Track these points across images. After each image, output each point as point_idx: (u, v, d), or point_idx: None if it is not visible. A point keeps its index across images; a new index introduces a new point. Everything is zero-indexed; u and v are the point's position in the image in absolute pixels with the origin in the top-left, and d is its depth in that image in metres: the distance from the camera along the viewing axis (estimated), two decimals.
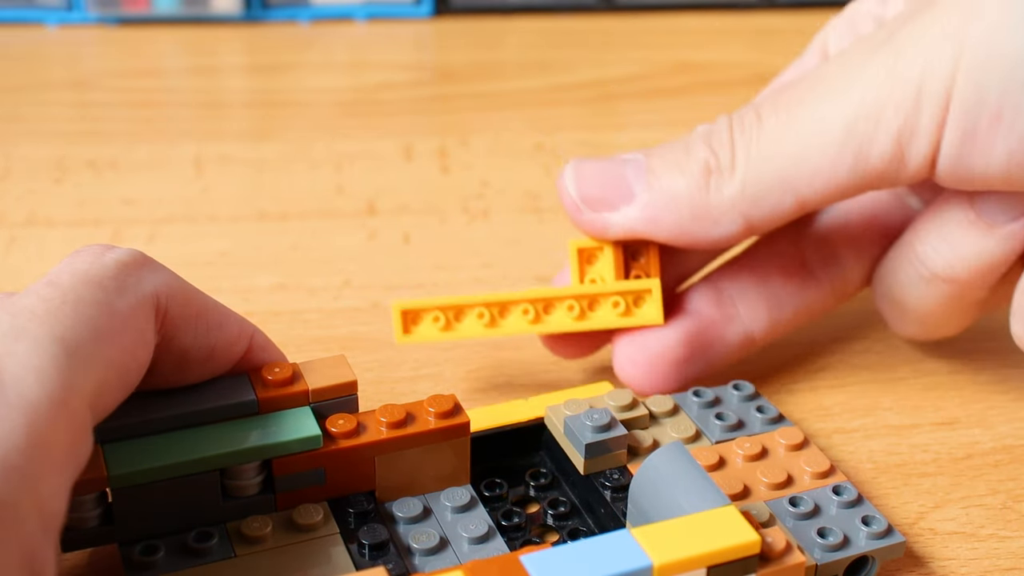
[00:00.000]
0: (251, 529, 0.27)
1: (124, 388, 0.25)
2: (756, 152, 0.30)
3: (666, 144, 0.32)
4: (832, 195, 0.30)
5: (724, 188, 0.30)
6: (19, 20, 0.65)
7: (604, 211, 0.32)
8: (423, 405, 0.29)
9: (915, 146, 0.28)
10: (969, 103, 0.27)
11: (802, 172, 0.29)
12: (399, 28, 0.67)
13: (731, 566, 0.25)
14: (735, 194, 0.30)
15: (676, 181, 0.31)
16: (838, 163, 0.29)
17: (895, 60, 0.28)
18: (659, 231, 0.31)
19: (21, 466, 0.20)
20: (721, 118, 0.31)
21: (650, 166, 0.31)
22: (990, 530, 0.31)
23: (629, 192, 0.31)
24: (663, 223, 0.31)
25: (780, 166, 0.29)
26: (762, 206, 0.30)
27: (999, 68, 0.27)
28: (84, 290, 0.24)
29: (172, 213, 0.46)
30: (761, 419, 0.32)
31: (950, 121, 0.27)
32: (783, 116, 0.30)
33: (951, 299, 0.32)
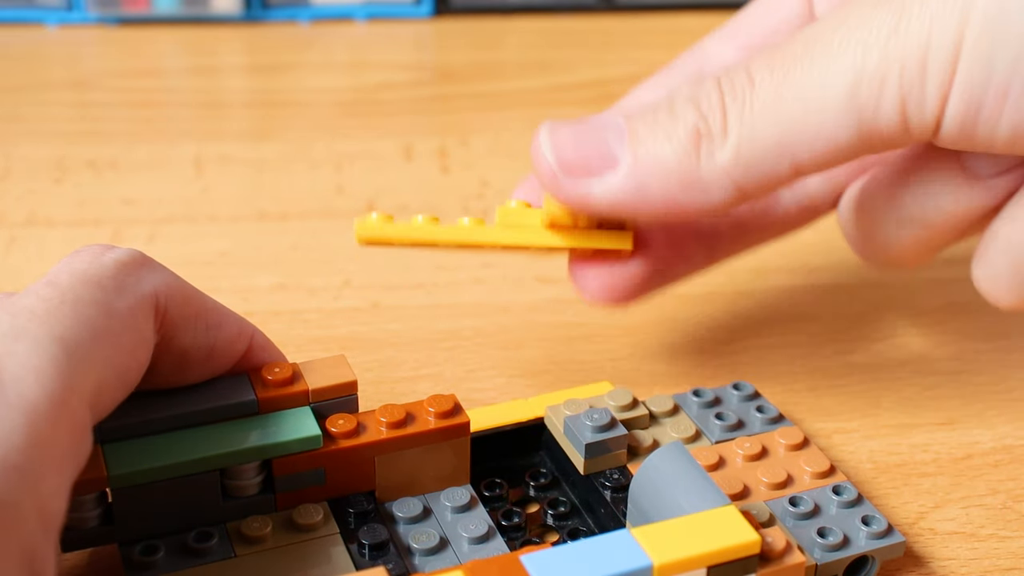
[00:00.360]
0: (251, 529, 0.27)
1: (124, 388, 0.25)
2: (750, 116, 0.28)
3: (648, 106, 0.30)
4: (831, 160, 0.28)
5: (716, 155, 0.28)
6: (19, 20, 0.65)
7: (585, 178, 0.29)
8: (423, 405, 0.29)
9: (919, 114, 0.27)
10: (975, 76, 0.26)
11: (802, 137, 0.28)
12: (399, 28, 0.67)
13: (731, 566, 0.25)
14: (728, 161, 0.28)
15: (663, 147, 0.28)
16: (839, 128, 0.27)
17: (898, 20, 0.26)
18: (645, 201, 0.29)
19: (21, 465, 0.20)
20: (708, 79, 0.29)
21: (632, 130, 0.29)
22: (990, 530, 0.31)
23: (612, 157, 0.29)
24: (650, 192, 0.29)
25: (777, 131, 0.28)
26: (756, 173, 0.28)
27: (1007, 41, 0.25)
28: (83, 290, 0.24)
29: (172, 213, 0.46)
30: (761, 419, 0.32)
31: (954, 92, 0.26)
32: (778, 78, 0.28)
33: (921, 241, 0.31)
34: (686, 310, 0.40)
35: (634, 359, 0.37)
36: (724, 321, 0.40)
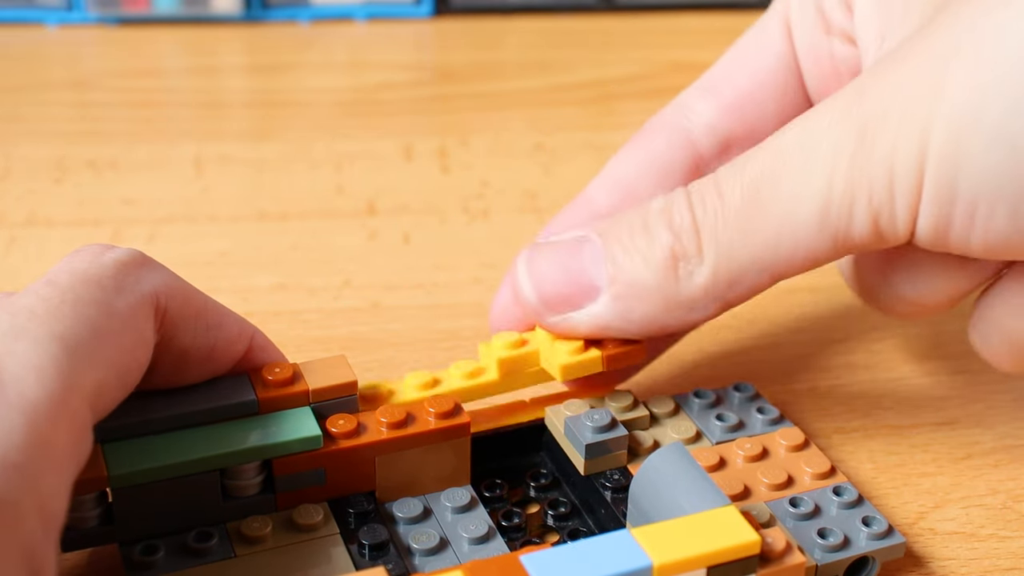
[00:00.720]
0: (251, 529, 0.27)
1: (124, 387, 0.25)
2: (724, 236, 0.28)
3: (622, 221, 0.29)
4: (812, 266, 0.28)
5: (695, 276, 0.28)
6: (19, 20, 0.65)
7: (568, 311, 0.30)
8: (423, 405, 0.29)
9: (891, 229, 0.27)
10: (941, 198, 0.26)
11: (778, 256, 0.28)
12: (399, 28, 0.67)
13: (731, 566, 0.25)
14: (707, 281, 0.28)
15: (641, 272, 0.29)
16: (816, 244, 0.27)
17: (860, 140, 0.26)
18: (631, 325, 0.29)
19: (21, 465, 0.20)
20: (677, 193, 0.29)
21: (609, 253, 0.29)
22: (990, 530, 0.31)
23: (592, 287, 0.29)
24: (634, 315, 0.29)
25: (752, 251, 0.28)
26: (736, 287, 0.29)
27: (967, 167, 0.25)
28: (83, 289, 0.24)
29: (172, 213, 0.46)
30: (762, 420, 0.32)
31: (923, 210, 0.26)
32: (748, 198, 0.28)
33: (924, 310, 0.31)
34: None
35: None
36: (724, 321, 0.40)
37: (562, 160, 0.51)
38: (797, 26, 0.33)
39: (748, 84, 0.34)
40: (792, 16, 0.33)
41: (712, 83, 0.34)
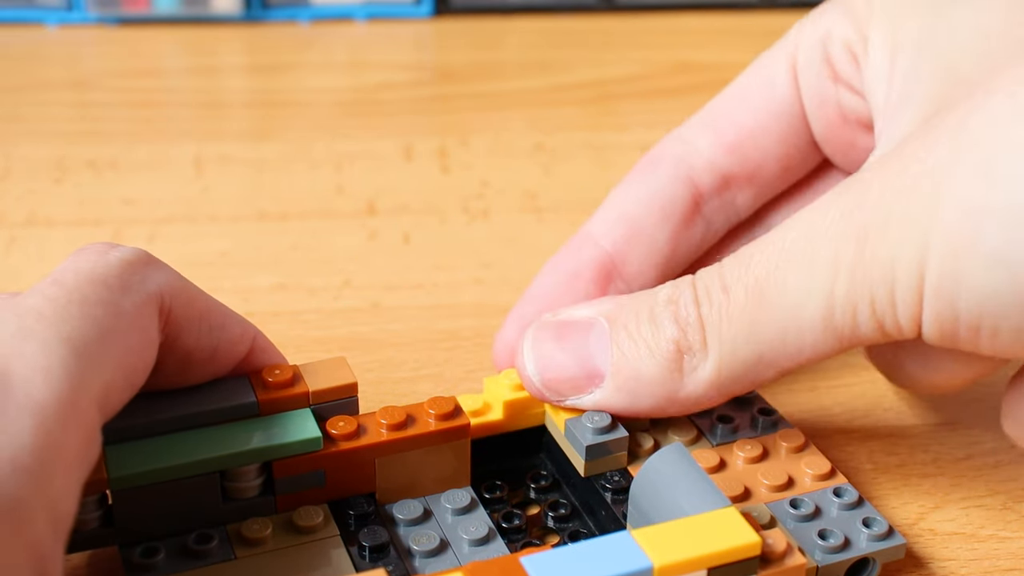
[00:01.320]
0: (251, 531, 0.27)
1: (130, 388, 0.25)
2: (728, 334, 0.28)
3: (629, 308, 0.30)
4: (815, 362, 0.28)
5: (699, 371, 0.28)
6: (19, 20, 0.65)
7: (571, 396, 0.30)
8: (423, 407, 0.29)
9: (897, 332, 0.27)
10: (943, 314, 0.26)
11: (785, 353, 0.28)
12: (399, 28, 0.67)
13: (732, 568, 0.25)
14: (711, 375, 0.28)
15: (646, 364, 0.29)
16: (821, 344, 0.27)
17: (863, 245, 0.26)
18: (634, 410, 0.30)
19: (31, 466, 0.20)
20: (684, 284, 0.29)
21: (615, 340, 0.29)
22: (990, 531, 0.31)
23: (596, 373, 0.29)
24: (638, 405, 0.29)
25: (757, 348, 0.28)
26: (742, 382, 0.29)
27: (968, 281, 0.25)
28: (89, 289, 0.24)
29: (172, 213, 0.46)
30: (762, 421, 0.32)
31: (926, 320, 0.26)
32: (753, 295, 0.28)
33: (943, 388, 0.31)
34: None
35: None
36: None
37: (562, 160, 0.51)
38: (804, 71, 0.33)
39: (751, 124, 0.34)
40: (799, 60, 0.33)
41: (714, 118, 0.34)
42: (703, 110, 0.35)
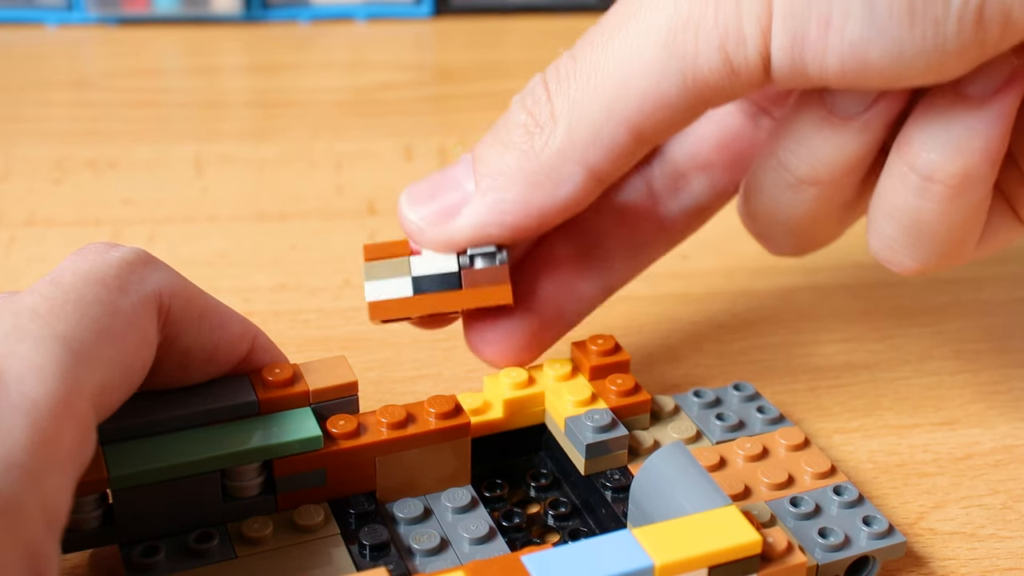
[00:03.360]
0: (252, 530, 0.27)
1: (127, 387, 0.25)
2: (576, 94, 0.27)
3: (490, 130, 0.30)
4: (667, 118, 0.27)
5: (550, 142, 0.28)
6: (19, 20, 0.65)
7: (447, 221, 0.29)
8: (424, 406, 0.29)
9: (742, 54, 0.26)
10: (794, 7, 0.25)
11: (629, 98, 0.27)
12: (399, 28, 0.67)
13: (732, 566, 0.25)
14: (563, 142, 0.28)
15: (502, 158, 0.28)
16: (664, 83, 0.27)
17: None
18: (507, 215, 0.29)
19: (25, 464, 0.20)
20: (535, 77, 0.29)
21: (476, 155, 0.29)
22: (990, 530, 0.31)
23: (465, 192, 0.29)
24: (507, 205, 0.28)
25: (604, 100, 0.27)
26: (597, 148, 0.28)
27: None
28: (86, 289, 0.24)
29: (172, 213, 0.46)
30: (762, 419, 0.32)
31: (775, 26, 0.25)
32: (598, 47, 0.27)
33: (819, 202, 0.30)
34: (686, 310, 0.40)
35: (634, 359, 0.37)
36: (724, 321, 0.40)
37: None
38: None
39: None
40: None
41: None
42: None
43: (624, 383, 0.31)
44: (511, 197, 0.29)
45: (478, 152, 0.29)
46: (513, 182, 0.28)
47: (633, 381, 0.31)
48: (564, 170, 0.28)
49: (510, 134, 0.29)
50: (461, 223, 0.29)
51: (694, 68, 0.26)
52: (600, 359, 0.31)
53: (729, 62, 0.26)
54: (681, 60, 0.26)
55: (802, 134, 0.29)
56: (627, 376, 0.31)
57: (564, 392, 0.30)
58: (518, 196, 0.28)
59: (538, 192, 0.28)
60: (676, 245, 0.34)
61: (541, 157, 0.28)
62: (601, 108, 0.27)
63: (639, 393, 0.31)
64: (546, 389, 0.31)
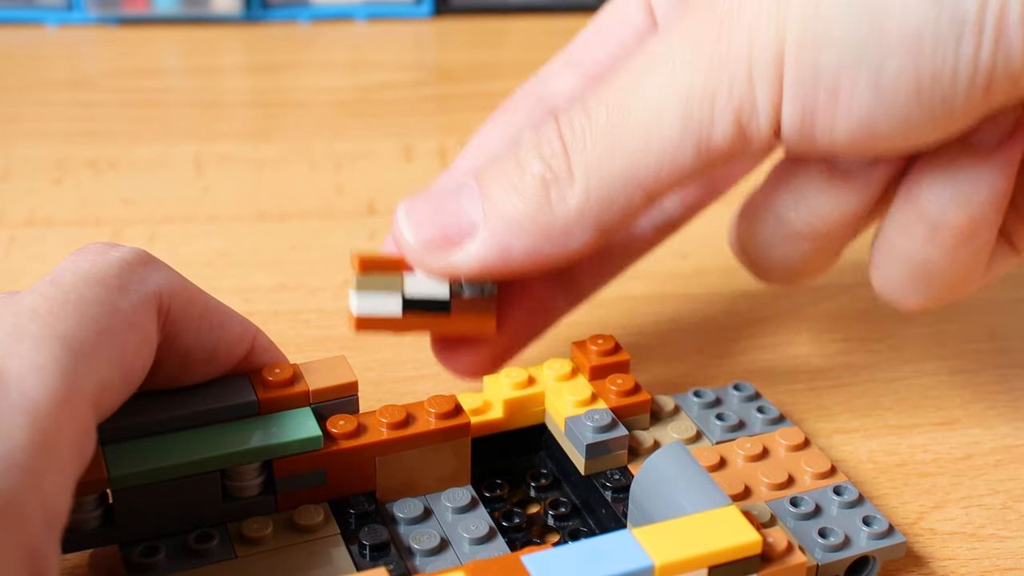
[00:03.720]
0: (252, 530, 0.27)
1: (127, 387, 0.25)
2: (593, 154, 0.28)
3: (495, 161, 0.29)
4: (680, 181, 0.28)
5: (568, 199, 0.28)
6: (19, 20, 0.65)
7: (448, 251, 0.29)
8: (424, 406, 0.29)
9: (755, 125, 0.26)
10: (803, 81, 0.25)
11: (646, 168, 0.27)
12: (399, 28, 0.67)
13: (732, 566, 0.25)
14: (580, 202, 0.28)
15: (515, 203, 0.28)
16: (680, 150, 0.27)
17: (718, 34, 0.26)
18: (511, 259, 0.29)
19: (24, 464, 0.20)
20: (547, 122, 0.29)
21: (484, 191, 0.29)
22: (990, 530, 0.31)
23: (469, 225, 0.29)
24: (514, 251, 0.28)
25: (622, 165, 0.27)
26: (612, 209, 0.28)
27: (827, 43, 0.25)
28: (86, 289, 0.24)
29: (172, 213, 0.46)
30: (762, 419, 0.32)
31: (786, 98, 0.26)
32: (614, 110, 0.27)
33: (814, 251, 0.31)
34: (686, 310, 0.40)
35: (634, 359, 0.37)
36: (724, 321, 0.40)
37: None
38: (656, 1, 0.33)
39: (609, 56, 0.33)
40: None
41: (571, 56, 0.34)
42: (561, 51, 0.34)
43: (624, 383, 0.31)
44: (520, 245, 0.28)
45: (486, 188, 0.29)
46: (523, 231, 0.28)
47: (633, 381, 0.31)
48: (577, 228, 0.28)
49: (523, 180, 0.28)
50: (464, 259, 0.29)
51: (709, 138, 0.27)
52: (600, 359, 0.31)
53: (742, 132, 0.27)
54: (697, 131, 0.27)
55: (802, 191, 0.29)
56: (627, 376, 0.31)
57: (564, 392, 0.30)
58: (527, 246, 0.28)
59: (547, 244, 0.28)
60: (644, 256, 0.35)
61: (556, 213, 0.28)
62: (618, 174, 0.27)
63: (639, 393, 0.31)
64: (546, 389, 0.31)
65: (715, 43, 0.26)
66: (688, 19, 0.27)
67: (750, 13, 0.26)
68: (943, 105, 0.25)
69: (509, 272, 0.29)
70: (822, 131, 0.26)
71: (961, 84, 0.24)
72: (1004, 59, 0.24)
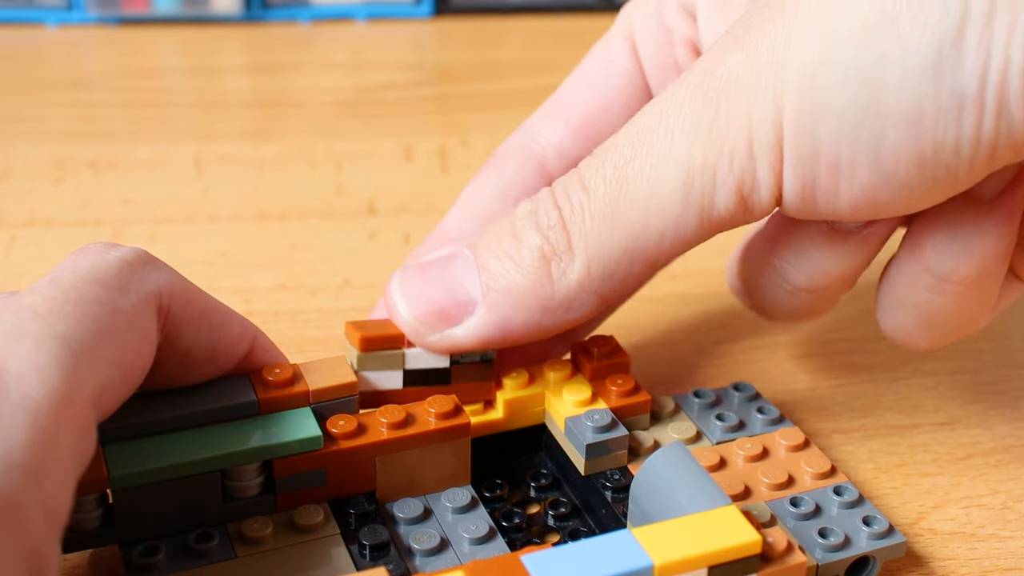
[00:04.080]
0: (252, 530, 0.27)
1: (127, 387, 0.25)
2: (592, 228, 0.27)
3: (491, 230, 0.29)
4: (682, 248, 0.28)
5: (568, 273, 0.28)
6: (19, 20, 0.65)
7: (446, 328, 0.29)
8: (423, 406, 0.29)
9: (756, 197, 0.26)
10: (803, 153, 0.25)
11: (647, 242, 0.27)
12: (399, 28, 0.67)
13: (732, 566, 0.25)
14: (581, 277, 0.28)
15: (514, 277, 0.28)
16: (682, 223, 0.27)
17: (717, 108, 0.26)
18: (511, 333, 0.28)
19: (25, 464, 0.20)
20: (542, 193, 0.28)
21: (481, 263, 0.28)
22: (990, 530, 0.31)
23: (468, 300, 0.28)
24: (514, 323, 0.28)
25: (622, 239, 0.27)
26: (614, 279, 0.28)
27: (827, 116, 0.25)
28: (86, 288, 0.24)
29: (172, 213, 0.46)
30: (762, 420, 0.32)
31: (786, 171, 0.26)
32: (612, 183, 0.27)
33: (815, 302, 0.31)
34: (686, 310, 0.40)
35: (634, 360, 0.37)
36: (724, 321, 0.40)
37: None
38: (642, 43, 0.33)
39: (595, 104, 0.33)
40: (636, 34, 0.33)
41: (558, 106, 0.34)
42: (548, 100, 0.34)
43: (624, 383, 0.31)
44: (520, 318, 0.28)
45: (483, 260, 0.29)
46: (523, 304, 0.28)
47: (633, 381, 0.31)
48: (578, 300, 0.28)
49: (520, 252, 0.28)
50: (464, 334, 0.29)
51: (711, 210, 0.27)
52: (600, 359, 0.31)
53: (744, 203, 0.26)
54: (699, 203, 0.26)
55: (802, 250, 0.29)
56: (627, 376, 0.31)
57: (564, 392, 0.30)
58: (527, 319, 0.28)
59: (548, 316, 0.28)
60: None
61: (556, 286, 0.28)
62: (619, 247, 0.27)
63: (639, 393, 0.31)
64: (546, 389, 0.31)
65: (715, 114, 0.26)
66: (685, 87, 0.27)
67: (748, 84, 0.25)
68: (946, 174, 0.25)
69: (509, 344, 0.29)
70: (824, 201, 0.26)
71: (964, 156, 0.24)
72: (1007, 130, 0.24)
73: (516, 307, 0.28)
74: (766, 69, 0.25)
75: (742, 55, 0.26)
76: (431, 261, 0.30)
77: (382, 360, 0.29)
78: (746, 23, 0.26)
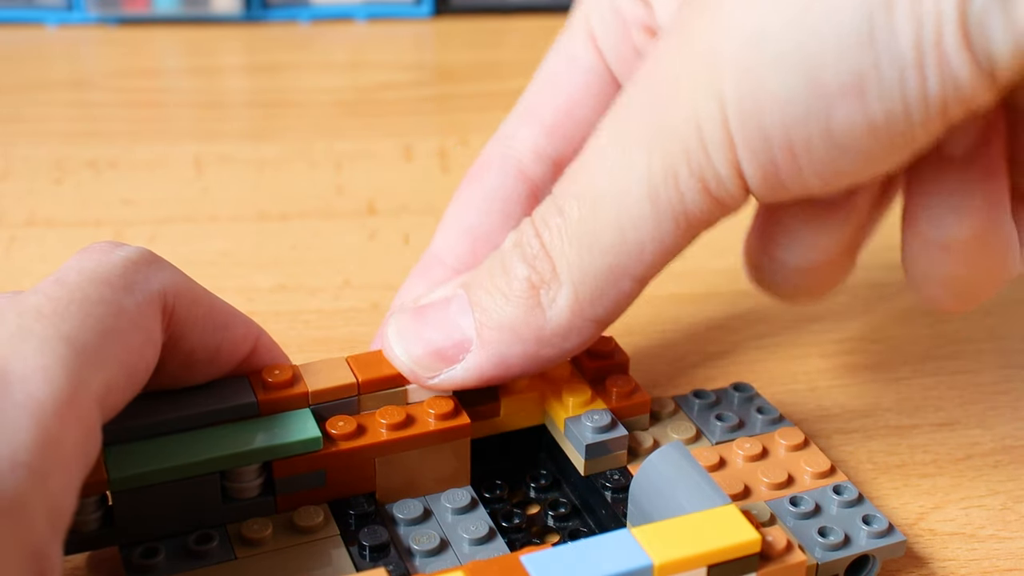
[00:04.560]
0: (251, 531, 0.27)
1: (132, 387, 0.25)
2: (572, 252, 0.27)
3: (482, 268, 0.29)
4: (669, 256, 0.27)
5: (558, 300, 0.27)
6: (19, 20, 0.65)
7: (445, 368, 0.29)
8: (423, 406, 0.29)
9: (722, 189, 0.26)
10: (754, 143, 0.25)
11: (629, 255, 0.27)
12: (399, 28, 0.67)
13: (732, 565, 0.25)
14: (571, 302, 0.27)
15: (505, 311, 0.28)
16: (659, 232, 0.27)
17: (664, 113, 0.25)
18: (511, 368, 0.28)
19: (30, 464, 0.20)
20: (524, 223, 0.28)
21: (474, 300, 0.29)
22: (990, 531, 0.31)
23: (463, 339, 0.28)
24: (511, 359, 0.28)
25: (604, 257, 0.27)
26: (604, 300, 0.27)
27: (769, 105, 0.24)
28: (91, 288, 0.24)
29: (172, 213, 0.46)
30: (761, 419, 0.32)
31: (744, 162, 0.25)
32: (585, 203, 0.27)
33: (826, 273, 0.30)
34: (686, 310, 0.40)
35: (634, 360, 0.37)
36: (724, 321, 0.40)
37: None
38: (600, 34, 0.33)
39: (565, 104, 0.33)
40: (594, 27, 0.33)
41: (528, 108, 0.34)
42: (517, 104, 0.34)
43: (624, 384, 0.31)
44: (517, 351, 0.28)
45: (476, 297, 0.29)
46: (518, 338, 0.28)
47: (632, 382, 0.31)
48: (572, 326, 0.28)
49: (511, 285, 0.28)
50: (463, 374, 0.29)
51: (684, 213, 0.26)
52: (599, 360, 0.31)
53: (715, 199, 0.26)
54: (670, 209, 0.26)
55: (792, 230, 0.29)
56: (627, 376, 0.31)
57: (564, 393, 0.30)
58: (524, 351, 0.28)
59: (545, 346, 0.28)
60: None
61: (548, 315, 0.28)
62: (602, 266, 0.27)
63: (639, 394, 0.31)
64: (546, 390, 0.31)
65: (662, 118, 0.26)
66: (630, 94, 0.27)
67: (687, 82, 0.25)
68: (903, 138, 0.24)
69: (510, 379, 0.29)
70: (791, 182, 0.26)
71: (916, 118, 0.24)
72: (953, 86, 0.23)
73: (511, 341, 0.28)
74: (702, 66, 0.25)
75: (677, 54, 0.26)
76: (427, 304, 0.30)
77: (384, 400, 0.30)
78: (680, 20, 0.26)
